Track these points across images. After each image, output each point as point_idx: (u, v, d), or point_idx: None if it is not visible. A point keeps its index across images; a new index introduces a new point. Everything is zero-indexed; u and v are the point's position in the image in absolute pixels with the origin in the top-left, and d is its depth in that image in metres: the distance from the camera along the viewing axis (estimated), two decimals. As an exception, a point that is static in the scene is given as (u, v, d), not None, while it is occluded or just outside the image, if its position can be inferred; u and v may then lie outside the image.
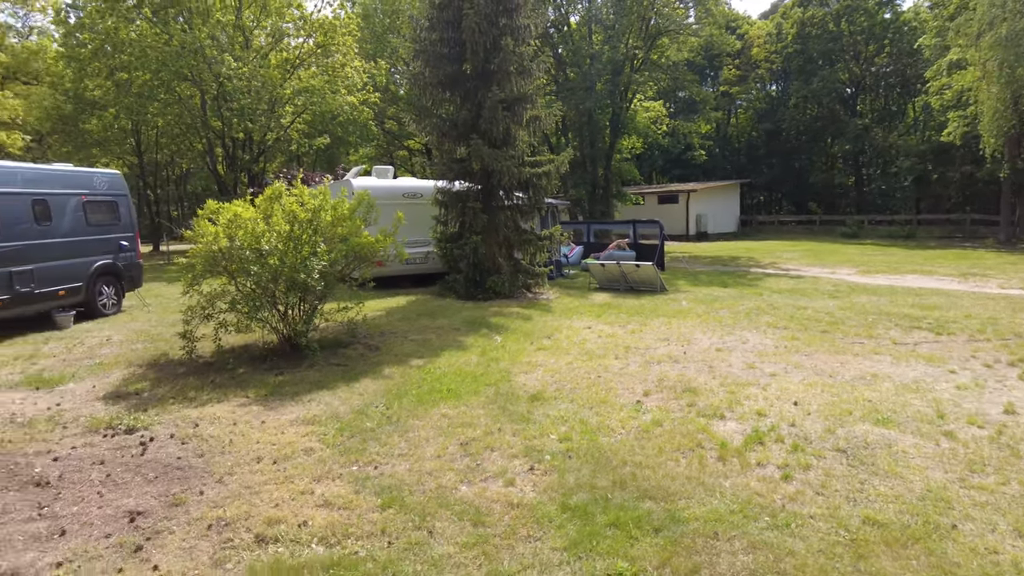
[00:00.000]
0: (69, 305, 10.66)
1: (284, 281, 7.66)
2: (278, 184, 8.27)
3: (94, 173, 11.83)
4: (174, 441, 5.25)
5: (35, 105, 35.20)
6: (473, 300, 12.70)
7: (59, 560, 3.49)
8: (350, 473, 4.62)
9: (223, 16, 24.72)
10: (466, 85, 13.42)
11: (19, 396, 6.51)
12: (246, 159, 26.35)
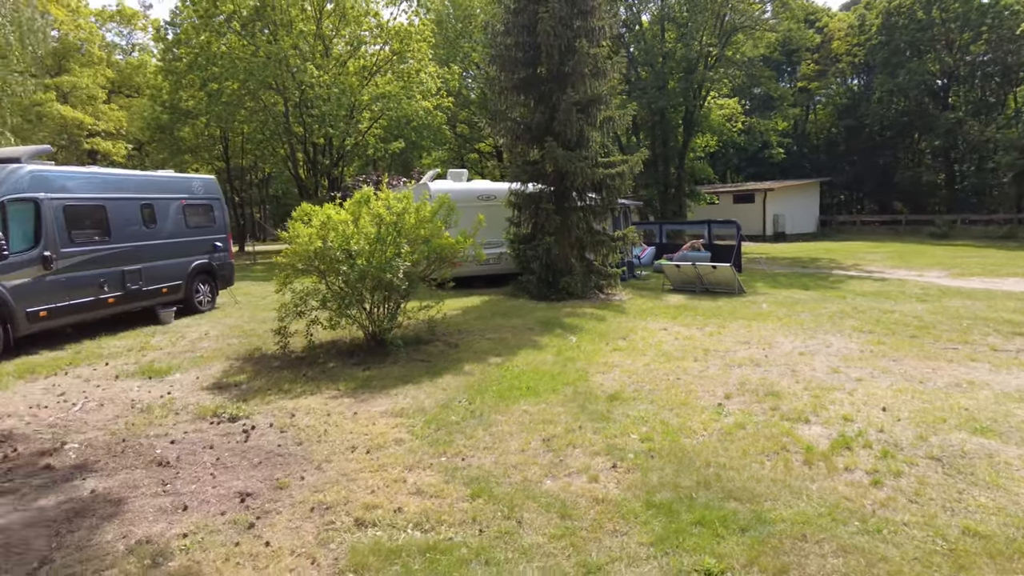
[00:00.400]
0: (170, 302, 11.46)
1: (370, 280, 8.00)
2: (367, 189, 8.65)
3: (192, 178, 12.66)
4: (273, 430, 5.61)
5: (136, 116, 37.75)
6: (546, 300, 12.83)
7: (184, 532, 3.83)
8: (439, 464, 4.82)
9: (305, 26, 25.80)
10: (540, 88, 13.58)
11: (136, 384, 7.10)
12: (326, 163, 27.45)
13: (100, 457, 4.95)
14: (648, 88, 28.41)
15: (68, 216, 9.40)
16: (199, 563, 3.51)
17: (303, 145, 27.08)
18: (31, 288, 8.77)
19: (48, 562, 3.54)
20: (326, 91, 24.04)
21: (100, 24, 42.70)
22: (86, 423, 5.78)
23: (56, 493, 4.34)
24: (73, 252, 9.41)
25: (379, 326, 8.44)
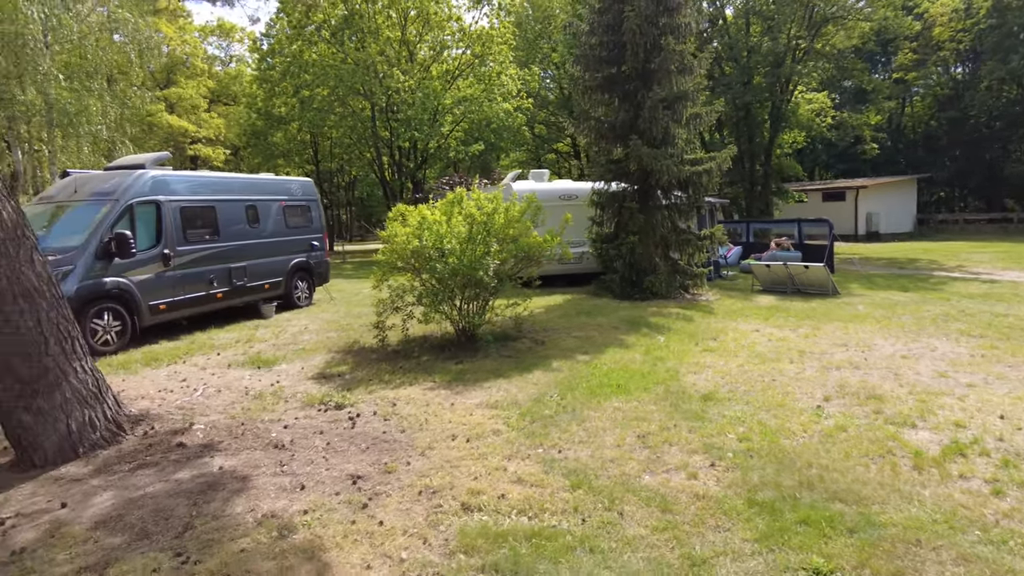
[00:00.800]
0: (272, 297, 12.16)
1: (461, 278, 8.24)
2: (460, 189, 8.92)
3: (291, 181, 13.36)
4: (377, 418, 5.90)
5: (233, 123, 40.04)
6: (629, 300, 12.78)
7: (304, 509, 4.11)
8: (537, 455, 4.95)
9: (391, 32, 26.68)
10: (625, 86, 13.53)
11: (247, 373, 7.62)
12: (410, 166, 28.28)
13: (223, 438, 5.37)
14: (732, 83, 27.68)
15: (184, 217, 10.17)
16: (320, 538, 3.77)
17: (389, 148, 28.00)
18: (153, 283, 9.55)
19: (190, 528, 3.89)
20: (411, 95, 24.78)
21: (202, 38, 45.57)
22: (208, 407, 6.27)
23: (190, 468, 4.74)
24: (188, 250, 10.16)
25: (469, 322, 8.67)
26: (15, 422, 4.69)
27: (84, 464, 4.84)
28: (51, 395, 4.76)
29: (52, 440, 4.77)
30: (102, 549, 3.68)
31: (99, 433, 5.02)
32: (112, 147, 19.38)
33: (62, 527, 3.93)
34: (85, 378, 5.02)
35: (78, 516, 4.07)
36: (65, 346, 4.89)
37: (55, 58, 18.13)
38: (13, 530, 3.94)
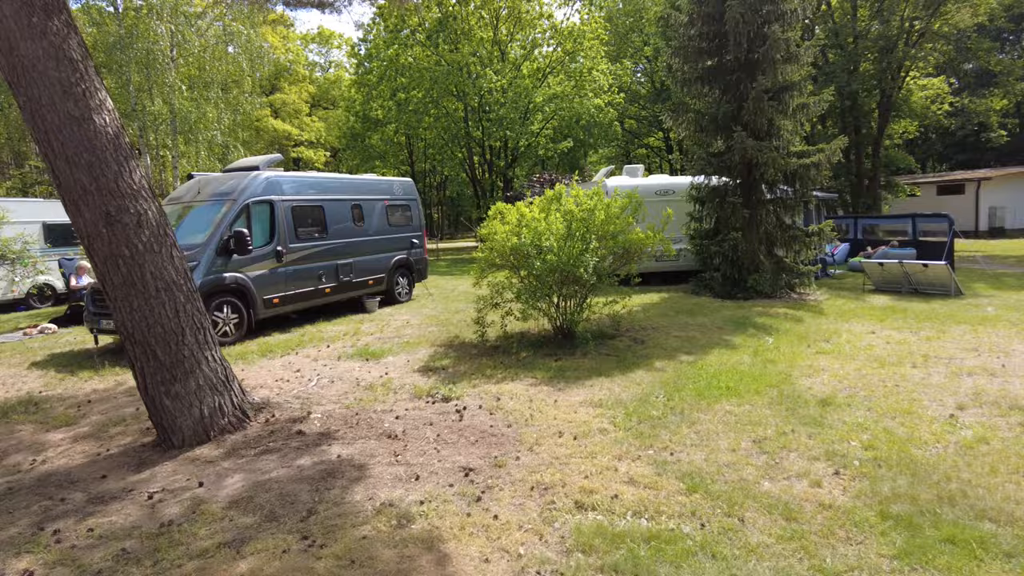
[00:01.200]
0: (375, 293, 12.59)
1: (559, 275, 8.21)
2: (559, 186, 8.89)
3: (393, 181, 13.77)
4: (483, 411, 5.96)
5: (332, 126, 41.81)
6: (731, 299, 12.33)
7: (420, 499, 4.21)
8: (648, 456, 4.84)
9: (483, 33, 27.00)
10: (727, 77, 13.06)
11: (357, 365, 7.91)
12: (501, 165, 28.55)
13: (339, 427, 5.58)
14: (837, 71, 26.13)
15: (295, 216, 10.69)
16: (438, 528, 3.84)
17: (480, 148, 28.36)
18: (267, 279, 10.09)
19: (314, 512, 4.06)
20: (502, 95, 24.99)
21: (304, 46, 47.86)
22: (323, 396, 6.55)
23: (310, 455, 4.96)
24: (298, 247, 10.67)
25: (568, 319, 8.63)
26: (158, 405, 5.07)
27: (215, 447, 5.17)
28: (187, 381, 5.11)
29: (188, 423, 5.12)
30: (236, 527, 3.91)
31: (227, 419, 5.35)
32: (226, 151, 20.69)
33: (201, 504, 4.20)
34: (215, 367, 5.36)
35: (214, 495, 4.34)
36: (199, 336, 5.24)
37: (178, 71, 19.55)
38: (160, 504, 4.25)
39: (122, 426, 5.98)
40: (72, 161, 4.70)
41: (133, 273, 4.89)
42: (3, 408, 6.83)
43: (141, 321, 4.95)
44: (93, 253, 4.89)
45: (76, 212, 4.80)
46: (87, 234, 4.84)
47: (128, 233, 4.86)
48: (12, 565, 3.63)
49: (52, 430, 6.02)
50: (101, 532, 3.93)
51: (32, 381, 8.10)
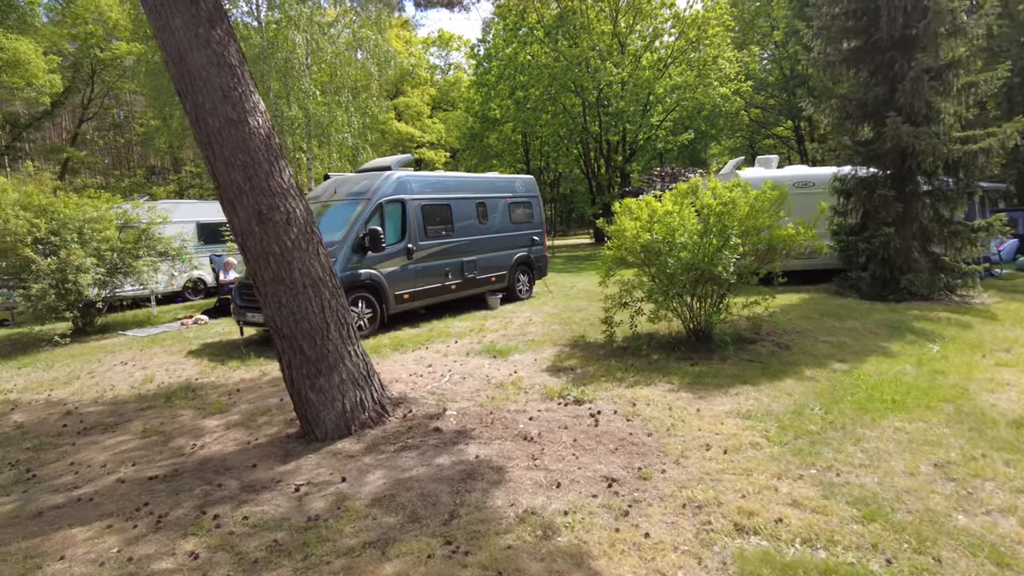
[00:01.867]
0: (497, 290, 12.61)
1: (695, 273, 7.74)
2: (694, 179, 8.41)
3: (515, 178, 13.74)
4: (619, 417, 5.68)
5: (452, 126, 42.83)
6: (881, 301, 11.21)
7: (564, 509, 4.00)
8: (811, 476, 4.36)
9: (604, 26, 26.51)
10: (876, 58, 11.87)
11: (486, 362, 7.87)
12: (619, 160, 27.96)
13: (475, 426, 5.51)
14: (1007, 44, 23.22)
15: (424, 214, 10.88)
16: (586, 543, 3.61)
17: (598, 143, 27.92)
18: (398, 275, 10.34)
19: (456, 516, 3.97)
20: (622, 88, 24.42)
21: (425, 50, 49.37)
22: (456, 393, 6.53)
23: (448, 454, 4.91)
24: (427, 245, 10.85)
25: (705, 320, 8.13)
26: (303, 398, 5.22)
27: (356, 441, 5.24)
28: (331, 375, 5.22)
29: (330, 417, 5.23)
30: (380, 527, 3.89)
31: (367, 413, 5.42)
32: (356, 153, 21.64)
33: (345, 500, 4.23)
34: (357, 362, 5.44)
35: (357, 491, 4.37)
36: (342, 332, 5.34)
37: (312, 77, 20.68)
38: (306, 497, 4.34)
39: (268, 416, 6.25)
40: (229, 162, 4.91)
41: (282, 269, 5.06)
42: (167, 393, 7.39)
43: (289, 316, 5.11)
44: (246, 250, 5.10)
45: (232, 211, 5.02)
46: (241, 231, 5.05)
47: (278, 230, 5.02)
48: (181, 546, 3.80)
49: (208, 416, 6.41)
50: (255, 521, 4.05)
51: (189, 368, 8.74)
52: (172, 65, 4.88)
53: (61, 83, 30.73)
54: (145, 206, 12.60)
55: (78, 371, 9.03)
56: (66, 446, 5.83)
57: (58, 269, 10.66)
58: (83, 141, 40.75)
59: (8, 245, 10.89)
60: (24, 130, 35.67)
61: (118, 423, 6.42)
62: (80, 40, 34.72)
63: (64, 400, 7.51)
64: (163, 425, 6.21)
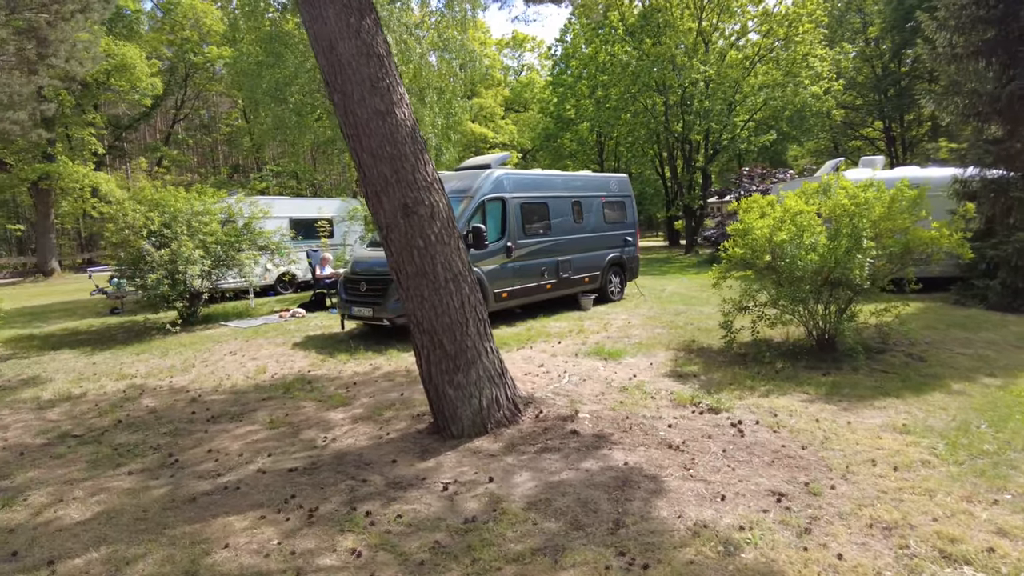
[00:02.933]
0: (589, 290, 12.36)
1: (824, 277, 7.30)
2: (826, 177, 7.95)
3: (610, 177, 13.47)
4: (763, 428, 5.34)
5: (524, 127, 42.80)
6: (1013, 312, 10.36)
7: (738, 524, 3.72)
8: (1007, 501, 3.93)
9: (688, 23, 25.86)
10: (1014, 49, 11.00)
11: (599, 364, 7.65)
12: (700, 160, 27.21)
13: (612, 430, 5.29)
14: None
15: (523, 212, 10.75)
16: (775, 562, 3.33)
17: (681, 143, 27.25)
18: (498, 273, 10.24)
19: (622, 525, 3.76)
20: (706, 87, 23.73)
21: (499, 51, 49.56)
22: (580, 395, 6.33)
23: (593, 459, 4.70)
24: (525, 243, 10.71)
25: (832, 328, 7.66)
26: (441, 393, 5.12)
27: (492, 440, 5.11)
28: (468, 372, 5.11)
29: (467, 414, 5.11)
30: (543, 533, 3.71)
31: (502, 412, 5.28)
32: (439, 153, 21.77)
33: (500, 503, 4.08)
34: (493, 359, 5.32)
35: (508, 493, 4.22)
36: (480, 328, 5.22)
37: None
38: (457, 497, 4.21)
39: (392, 411, 6.21)
40: (376, 155, 4.86)
41: (425, 263, 4.97)
42: (284, 384, 7.49)
43: (430, 310, 5.02)
44: (390, 243, 5.04)
45: (378, 204, 4.97)
46: (386, 224, 5.00)
47: (422, 224, 4.94)
48: (340, 542, 3.73)
49: (331, 409, 6.42)
50: (409, 520, 3.94)
51: (299, 360, 8.86)
52: (321, 55, 4.87)
53: (161, 86, 32.28)
54: (247, 201, 12.96)
55: (192, 359, 9.30)
56: (199, 433, 5.94)
57: (170, 260, 11.05)
58: (174, 141, 42.83)
59: (126, 237, 11.39)
60: (124, 131, 37.72)
61: (243, 412, 6.51)
62: (176, 46, 36.47)
63: (186, 387, 7.72)
64: (288, 416, 6.25)
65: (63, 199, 31.00)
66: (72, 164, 28.20)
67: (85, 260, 41.05)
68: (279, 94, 20.15)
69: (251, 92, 21.28)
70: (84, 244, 44.72)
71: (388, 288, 9.42)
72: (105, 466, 5.20)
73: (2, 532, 4.13)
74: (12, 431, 6.34)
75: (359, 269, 10.04)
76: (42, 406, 7.24)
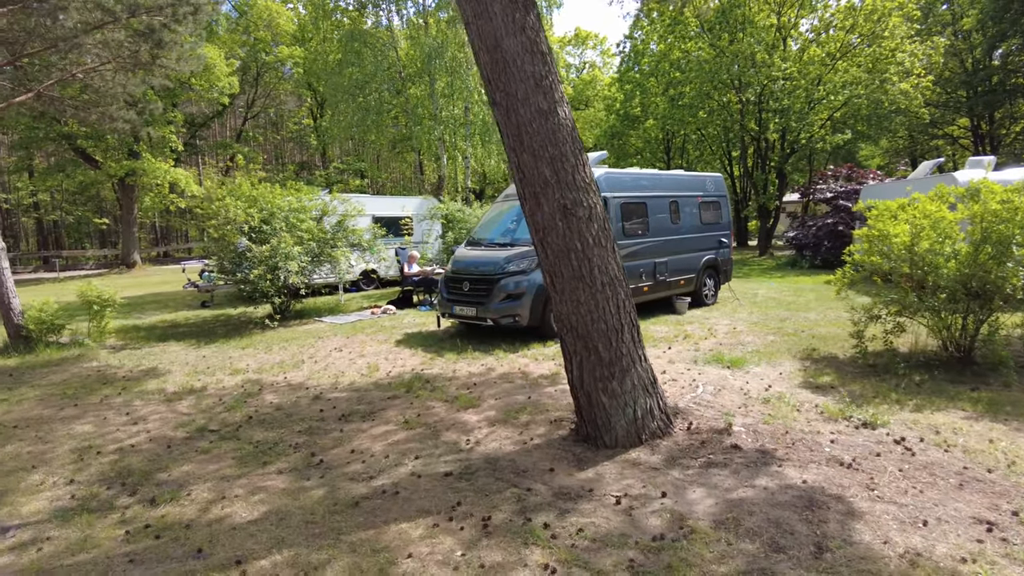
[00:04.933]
0: (684, 293, 12.04)
1: (966, 285, 6.85)
2: (976, 180, 7.47)
3: (706, 176, 13.10)
4: (930, 446, 5.00)
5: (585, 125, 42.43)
6: None
7: (958, 555, 3.44)
8: None
9: (768, 20, 25.06)
10: None
11: (726, 373, 7.36)
12: (775, 160, 26.36)
13: (775, 445, 5.04)
14: None
15: (624, 212, 10.53)
16: (1018, 601, 3.06)
17: (756, 142, 26.47)
18: (598, 274, 10.03)
19: (826, 549, 3.53)
20: (789, 84, 22.95)
21: (561, 48, 49.27)
22: (723, 406, 6.08)
23: (766, 476, 4.47)
24: (625, 244, 10.48)
25: (973, 339, 7.19)
26: (593, 401, 4.97)
27: (649, 452, 4.93)
28: (623, 380, 4.94)
29: (621, 424, 4.95)
30: (742, 554, 3.51)
31: (656, 423, 5.10)
32: (511, 151, 21.67)
33: (683, 520, 3.90)
34: (647, 367, 5.14)
35: (689, 510, 4.03)
36: (634, 334, 5.05)
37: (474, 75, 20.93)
38: (634, 511, 4.05)
39: (526, 415, 6.09)
40: (537, 154, 4.74)
41: (583, 266, 4.83)
42: (405, 383, 7.48)
43: (586, 315, 4.87)
44: (545, 245, 4.91)
45: (536, 205, 4.85)
46: (543, 226, 4.87)
47: (581, 226, 4.79)
48: (527, 556, 3.61)
49: (461, 410, 6.35)
50: (592, 534, 3.80)
51: (407, 358, 8.87)
52: (484, 53, 4.77)
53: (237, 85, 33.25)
54: (340, 198, 13.11)
55: (299, 355, 9.43)
56: (335, 432, 5.95)
57: (270, 256, 11.25)
58: (244, 138, 44.09)
59: (226, 232, 11.67)
60: (199, 129, 39.03)
61: (372, 411, 6.51)
62: (249, 46, 37.51)
63: (303, 383, 7.80)
64: (421, 417, 6.21)
65: (144, 195, 32.26)
66: (155, 161, 29.28)
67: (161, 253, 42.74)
68: (358, 92, 20.39)
69: (333, 90, 21.63)
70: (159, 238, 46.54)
71: (493, 288, 9.35)
72: (252, 464, 5.24)
73: (178, 527, 4.17)
74: (151, 423, 6.50)
75: (461, 268, 10.00)
76: (169, 398, 7.42)
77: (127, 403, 7.30)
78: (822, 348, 8.44)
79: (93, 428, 6.41)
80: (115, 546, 3.97)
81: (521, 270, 9.38)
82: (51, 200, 42.40)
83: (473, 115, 20.91)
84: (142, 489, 4.81)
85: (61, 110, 11.56)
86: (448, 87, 20.51)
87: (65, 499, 4.71)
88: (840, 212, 20.60)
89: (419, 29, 20.75)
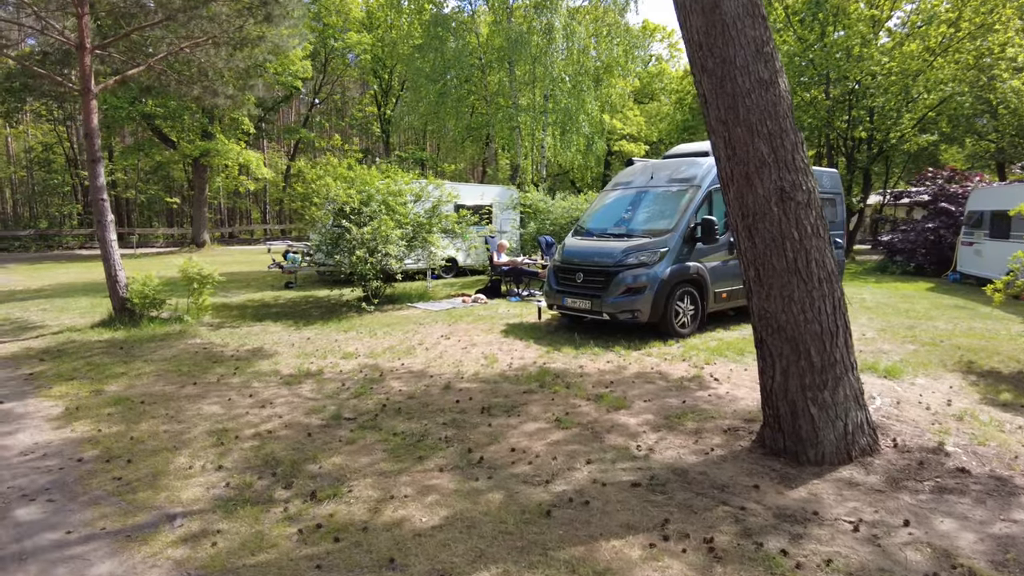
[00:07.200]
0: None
1: None
2: None
3: (822, 172, 12.30)
4: None
5: (653, 119, 41.46)
6: None
7: None
8: None
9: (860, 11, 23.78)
10: None
11: (891, 384, 6.70)
12: (863, 160, 25.05)
13: (1009, 472, 4.40)
14: None
15: (746, 205, 9.87)
16: None
17: (843, 140, 25.21)
18: (719, 271, 9.46)
19: None
20: (886, 80, 21.70)
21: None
22: (916, 421, 5.44)
23: (1019, 509, 3.87)
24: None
25: None
26: (799, 411, 4.44)
27: (864, 472, 4.36)
28: (836, 390, 4.39)
29: (830, 438, 4.40)
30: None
31: (865, 439, 4.54)
32: (591, 142, 21.11)
33: (952, 557, 3.34)
34: (857, 375, 4.58)
35: (950, 545, 3.46)
36: (848, 339, 4.50)
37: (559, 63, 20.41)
38: (882, 541, 3.50)
39: (691, 421, 5.58)
40: (754, 129, 4.22)
41: (799, 258, 4.29)
42: (532, 376, 7.05)
43: (799, 314, 4.33)
44: (754, 233, 4.39)
45: (747, 186, 4.33)
46: (753, 212, 4.35)
47: (799, 213, 4.26)
48: (781, 589, 3.12)
49: (613, 411, 5.89)
50: (842, 567, 3.28)
51: (522, 350, 8.46)
52: (697, 14, 4.26)
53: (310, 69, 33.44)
54: (435, 183, 12.78)
55: (406, 341, 9.12)
56: (482, 426, 5.55)
57: (371, 239, 10.99)
58: (311, 124, 44.52)
59: (326, 214, 11.45)
60: (268, 112, 39.48)
61: (513, 406, 6.10)
62: (319, 31, 37.70)
63: (424, 371, 7.47)
64: (570, 416, 5.76)
65: (215, 175, 32.75)
66: (228, 142, 29.65)
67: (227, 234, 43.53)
68: (439, 77, 20.08)
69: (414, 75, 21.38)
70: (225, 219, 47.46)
71: (611, 281, 8.85)
72: (406, 458, 4.87)
73: (354, 529, 3.80)
74: (279, 407, 6.23)
75: (574, 258, 9.52)
76: (287, 381, 7.16)
77: (246, 384, 7.07)
78: (980, 362, 7.68)
79: (221, 410, 6.16)
80: (293, 547, 3.62)
81: (641, 263, 8.85)
82: (125, 178, 43.51)
83: (553, 103, 20.37)
84: (297, 481, 4.48)
85: (167, 84, 11.48)
86: (529, 74, 20.03)
87: (220, 487, 4.41)
88: (940, 216, 19.38)
89: (506, 13, 20.31)
